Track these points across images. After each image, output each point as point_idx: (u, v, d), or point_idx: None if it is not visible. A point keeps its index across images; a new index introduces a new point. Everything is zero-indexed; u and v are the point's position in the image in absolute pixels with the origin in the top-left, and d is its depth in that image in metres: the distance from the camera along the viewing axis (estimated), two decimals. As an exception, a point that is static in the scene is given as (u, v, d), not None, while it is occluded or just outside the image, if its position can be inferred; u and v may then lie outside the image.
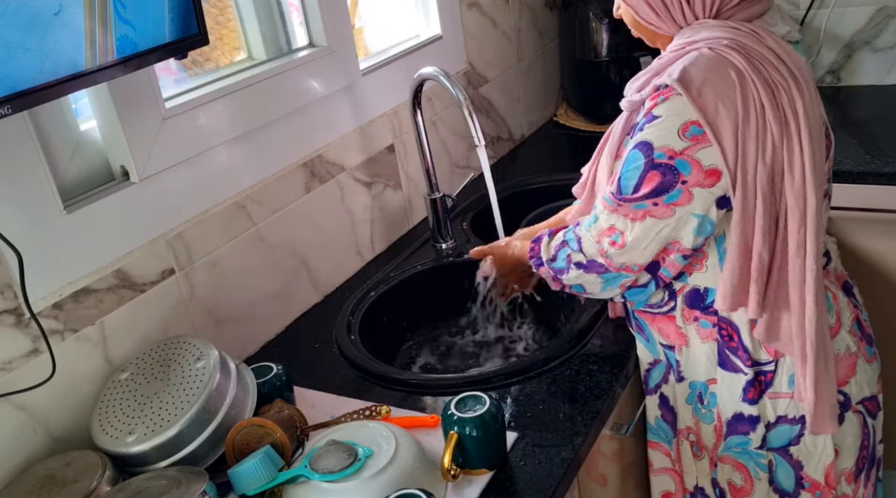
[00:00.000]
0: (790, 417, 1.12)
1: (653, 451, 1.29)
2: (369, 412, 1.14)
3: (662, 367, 1.21)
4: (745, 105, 0.96)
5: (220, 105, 1.29)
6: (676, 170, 0.99)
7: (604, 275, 1.09)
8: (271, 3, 1.47)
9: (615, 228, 1.05)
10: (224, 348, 1.13)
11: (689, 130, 0.97)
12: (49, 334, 1.04)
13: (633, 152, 1.02)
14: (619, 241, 1.05)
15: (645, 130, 1.01)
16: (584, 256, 1.09)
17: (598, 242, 1.07)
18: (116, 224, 1.15)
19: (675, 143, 0.98)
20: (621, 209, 1.04)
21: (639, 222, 1.03)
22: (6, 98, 0.85)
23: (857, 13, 2.02)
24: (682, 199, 1.00)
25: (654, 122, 1.00)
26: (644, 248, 1.04)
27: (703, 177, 0.99)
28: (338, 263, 1.56)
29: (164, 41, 0.99)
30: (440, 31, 1.82)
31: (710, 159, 0.98)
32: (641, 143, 1.01)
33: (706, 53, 0.99)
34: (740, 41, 0.99)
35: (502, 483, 1.00)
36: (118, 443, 1.02)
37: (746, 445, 1.14)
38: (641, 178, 1.01)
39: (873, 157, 1.66)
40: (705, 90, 0.97)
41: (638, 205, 1.02)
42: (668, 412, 1.24)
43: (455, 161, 1.89)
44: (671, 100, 0.99)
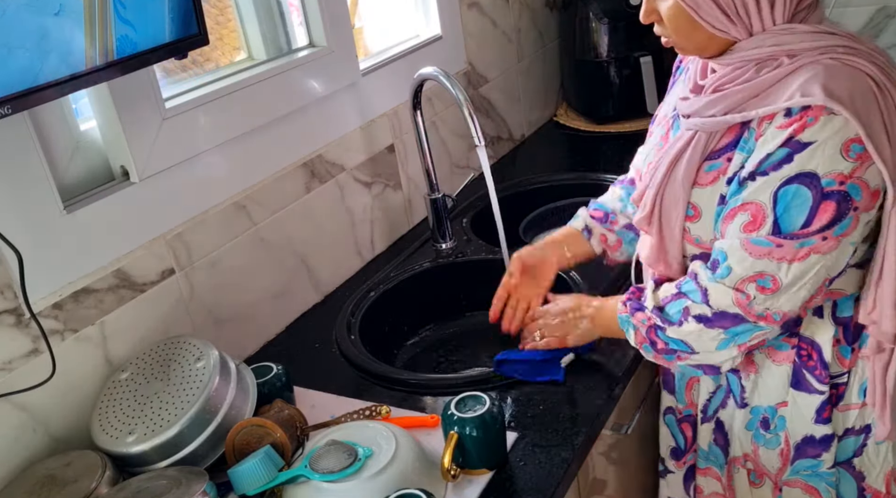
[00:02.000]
0: (856, 428, 1.09)
1: (704, 477, 1.24)
2: (369, 412, 1.14)
3: (722, 392, 1.16)
4: (889, 113, 0.90)
5: (221, 105, 1.29)
6: (849, 196, 0.90)
7: (732, 328, 0.98)
8: (271, 3, 1.47)
9: (764, 273, 0.94)
10: (224, 348, 1.13)
11: (852, 149, 0.89)
12: (49, 334, 1.04)
13: (790, 188, 0.91)
14: (769, 286, 0.94)
15: (797, 161, 0.90)
16: (709, 309, 0.98)
17: (738, 291, 0.96)
18: (116, 224, 1.15)
19: (843, 165, 0.89)
20: (778, 252, 0.93)
21: (798, 262, 0.93)
22: (6, 98, 0.85)
23: (857, 13, 2.02)
24: (850, 227, 0.92)
25: (809, 148, 0.89)
26: (798, 288, 0.94)
27: (870, 200, 0.92)
28: (338, 263, 1.56)
29: (164, 41, 0.99)
30: (440, 31, 1.82)
31: (875, 180, 0.91)
32: (799, 175, 0.90)
33: (832, 65, 0.90)
34: (853, 46, 0.92)
35: (502, 483, 1.00)
36: (118, 443, 1.02)
37: (818, 467, 1.10)
38: (813, 210, 0.90)
39: (873, 157, 1.66)
40: (857, 103, 0.88)
41: (803, 242, 0.92)
42: (721, 437, 1.19)
43: (455, 161, 1.89)
44: (822, 121, 0.89)
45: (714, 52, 0.99)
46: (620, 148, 1.91)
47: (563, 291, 1.39)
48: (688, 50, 1.02)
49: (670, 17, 0.97)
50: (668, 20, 0.98)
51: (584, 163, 2.00)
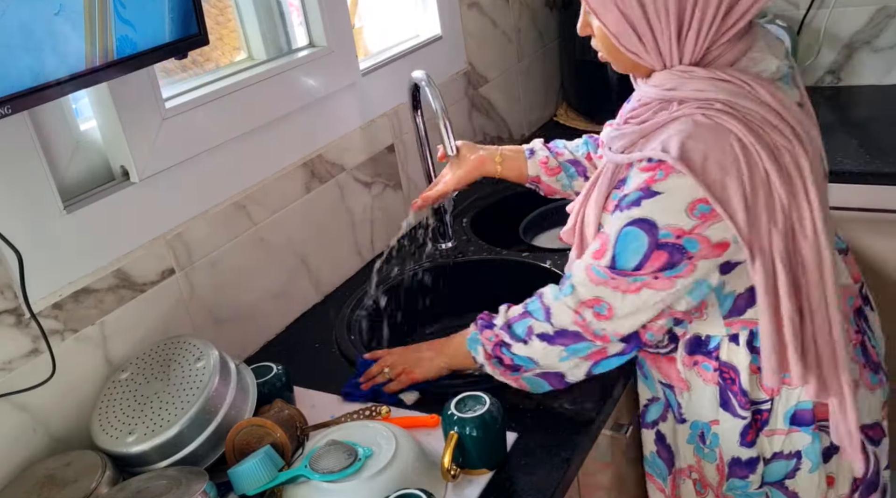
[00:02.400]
0: (785, 453, 1.11)
1: (649, 482, 1.29)
2: (369, 412, 1.14)
3: (661, 405, 1.20)
4: (752, 176, 0.91)
5: (220, 105, 1.29)
6: (684, 249, 0.93)
7: (572, 346, 1.03)
8: (271, 3, 1.47)
9: (601, 300, 0.99)
10: (224, 348, 1.13)
11: (698, 209, 0.91)
12: (49, 334, 1.04)
13: (631, 230, 0.94)
14: (604, 313, 0.99)
15: (644, 206, 0.93)
16: (551, 327, 1.03)
17: (576, 313, 1.01)
18: (116, 224, 1.15)
19: (683, 222, 0.92)
20: (613, 282, 0.97)
21: (632, 294, 0.97)
22: (6, 98, 0.85)
23: (857, 13, 2.02)
24: (685, 271, 0.95)
25: (656, 198, 0.93)
26: (633, 317, 0.99)
27: (711, 250, 0.94)
28: (338, 262, 1.56)
29: (164, 41, 0.99)
30: (440, 31, 1.82)
31: (719, 234, 0.93)
32: (641, 220, 0.94)
33: (701, 122, 0.92)
34: (735, 103, 0.92)
35: (502, 483, 1.00)
36: (118, 443, 1.02)
37: (746, 488, 1.13)
38: (646, 256, 0.94)
39: (873, 157, 1.66)
40: (709, 166, 0.90)
41: (635, 279, 0.96)
42: (664, 449, 1.23)
43: (455, 161, 1.88)
44: (672, 177, 0.91)
45: (643, 73, 1.02)
46: (620, 148, 1.91)
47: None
48: (618, 68, 1.04)
49: (598, 38, 1.02)
50: (597, 39, 1.03)
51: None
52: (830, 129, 1.84)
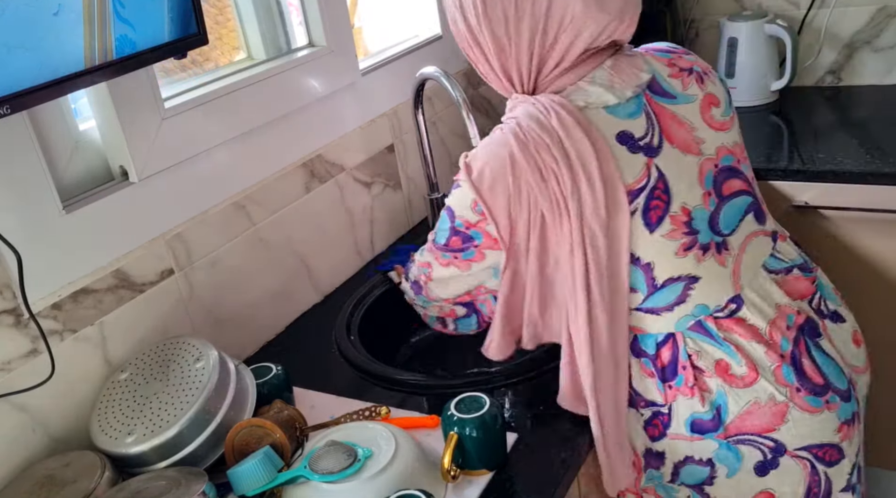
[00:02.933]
0: (697, 459, 1.10)
1: None
2: (369, 413, 1.14)
3: None
4: (517, 186, 1.03)
5: (220, 105, 1.29)
6: (471, 237, 1.10)
7: (419, 296, 1.25)
8: (271, 2, 1.47)
9: (428, 264, 1.19)
10: (224, 348, 1.13)
11: (478, 207, 1.07)
12: (48, 335, 1.04)
13: (444, 213, 1.13)
14: (427, 275, 1.20)
15: (452, 195, 1.10)
16: (412, 276, 1.26)
17: (419, 268, 1.22)
18: (116, 224, 1.15)
19: (469, 215, 1.08)
20: (433, 253, 1.17)
21: (444, 267, 1.16)
22: (5, 98, 0.84)
23: (857, 13, 2.02)
24: (475, 257, 1.12)
25: (457, 191, 1.09)
26: (446, 286, 1.19)
27: (493, 243, 1.09)
28: (338, 262, 1.56)
29: (163, 41, 0.99)
30: (440, 31, 1.82)
31: (495, 232, 1.08)
32: (448, 208, 1.11)
33: (496, 135, 1.07)
34: (523, 123, 1.05)
35: (502, 484, 1.00)
36: (117, 443, 1.02)
37: (660, 479, 1.14)
38: (448, 238, 1.12)
39: (873, 157, 1.66)
40: (486, 171, 1.05)
41: (444, 255, 1.15)
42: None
43: (455, 161, 1.88)
44: (461, 178, 1.08)
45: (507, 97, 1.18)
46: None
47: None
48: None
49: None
50: None
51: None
52: (830, 129, 1.84)
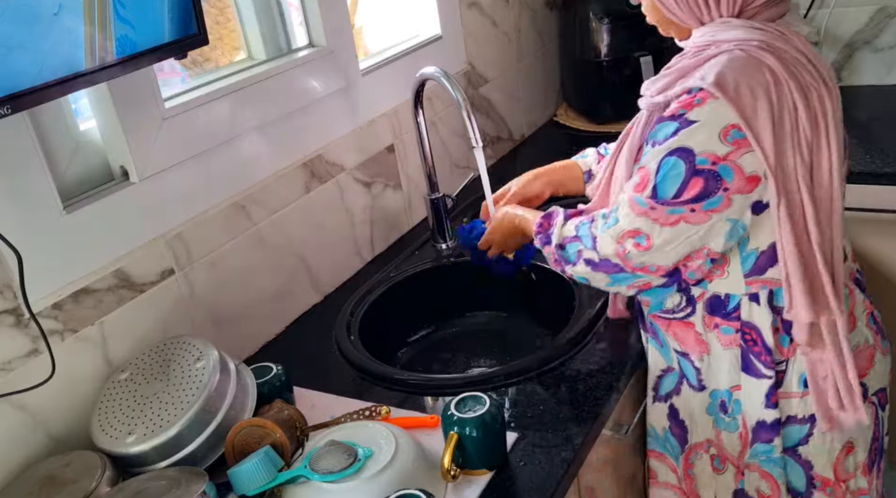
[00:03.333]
0: (799, 417, 1.12)
1: (657, 462, 1.27)
2: (369, 413, 1.14)
3: (675, 376, 1.20)
4: (780, 106, 0.97)
5: (220, 105, 1.29)
6: (719, 176, 0.98)
7: (614, 275, 1.08)
8: (271, 2, 1.47)
9: (640, 231, 1.03)
10: (224, 348, 1.13)
11: (730, 134, 0.97)
12: (49, 334, 1.04)
13: (670, 159, 1.00)
14: (643, 244, 1.04)
15: (680, 135, 0.99)
16: (597, 255, 1.08)
17: (618, 244, 1.06)
18: (116, 224, 1.15)
19: (718, 148, 0.98)
20: (653, 213, 1.02)
21: (669, 227, 1.02)
22: (6, 98, 0.84)
23: (857, 13, 2.02)
24: (721, 205, 1.00)
25: (692, 127, 0.99)
26: (670, 250, 1.03)
27: (745, 183, 0.99)
28: (338, 262, 1.56)
29: (163, 41, 0.99)
30: (440, 31, 1.82)
31: (751, 166, 0.98)
32: (680, 149, 0.99)
33: (738, 55, 0.99)
34: (770, 43, 1.00)
35: (502, 484, 1.00)
36: (118, 443, 1.02)
37: (771, 453, 1.13)
38: (684, 184, 0.99)
39: (873, 157, 1.66)
40: (742, 92, 0.96)
41: (673, 210, 1.01)
42: (676, 426, 1.22)
43: (455, 161, 1.89)
44: (708, 104, 0.98)
45: (684, 35, 1.11)
46: (620, 148, 1.91)
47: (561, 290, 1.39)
48: (662, 31, 1.14)
49: (646, 9, 1.12)
50: (645, 10, 1.13)
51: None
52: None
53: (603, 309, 1.32)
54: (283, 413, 1.08)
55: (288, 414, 1.08)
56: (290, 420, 1.07)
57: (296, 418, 1.08)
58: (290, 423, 1.07)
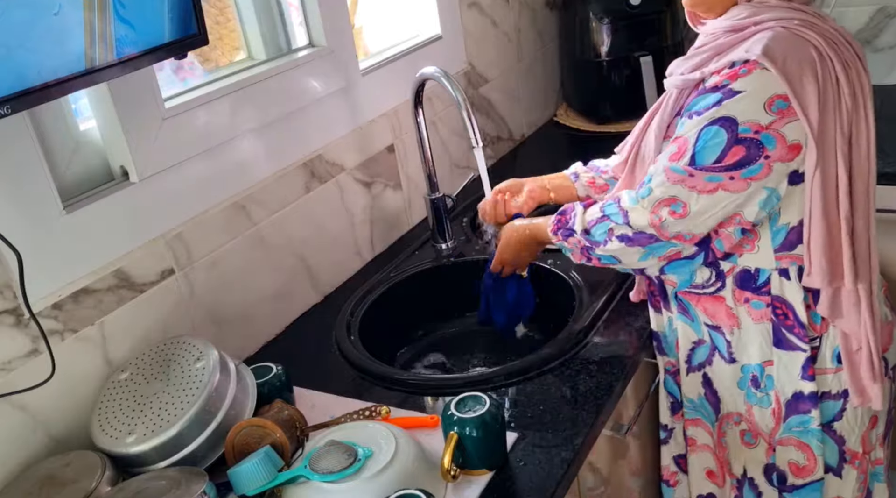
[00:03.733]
0: (833, 393, 1.14)
1: (694, 428, 1.28)
2: (369, 413, 1.14)
3: (707, 347, 1.21)
4: (824, 80, 0.99)
5: (220, 105, 1.29)
6: (762, 144, 1.00)
7: (649, 245, 1.09)
8: (271, 3, 1.47)
9: (677, 199, 1.04)
10: (224, 348, 1.13)
11: (776, 104, 0.99)
12: (49, 334, 1.04)
13: (711, 128, 1.01)
14: (679, 211, 1.04)
15: (724, 106, 1.00)
16: (630, 229, 1.09)
17: (653, 213, 1.06)
18: (116, 224, 1.15)
19: (762, 117, 0.99)
20: (690, 180, 1.03)
21: (706, 195, 1.03)
22: (6, 98, 0.84)
23: (857, 13, 2.02)
24: (761, 173, 1.01)
25: (737, 97, 1.00)
26: (706, 218, 1.05)
27: (786, 152, 1.01)
28: (338, 262, 1.56)
29: (163, 41, 0.99)
30: (440, 31, 1.82)
31: (794, 134, 1.00)
32: (722, 118, 1.00)
33: (781, 32, 1.01)
34: (811, 21, 1.02)
35: (502, 483, 1.00)
36: (118, 443, 1.02)
37: (808, 424, 1.15)
38: (725, 151, 1.01)
39: (873, 157, 1.66)
40: (789, 64, 0.98)
41: (712, 177, 1.02)
42: (711, 393, 1.23)
43: (455, 161, 1.89)
44: (754, 74, 0.99)
45: (721, 10, 1.09)
46: (620, 148, 1.91)
47: (561, 290, 1.39)
48: (698, 7, 1.12)
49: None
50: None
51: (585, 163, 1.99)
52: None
53: (602, 309, 1.32)
54: (283, 413, 1.08)
55: (288, 414, 1.08)
56: (290, 420, 1.07)
57: (296, 418, 1.08)
58: (290, 423, 1.07)
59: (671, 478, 1.35)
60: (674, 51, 2.12)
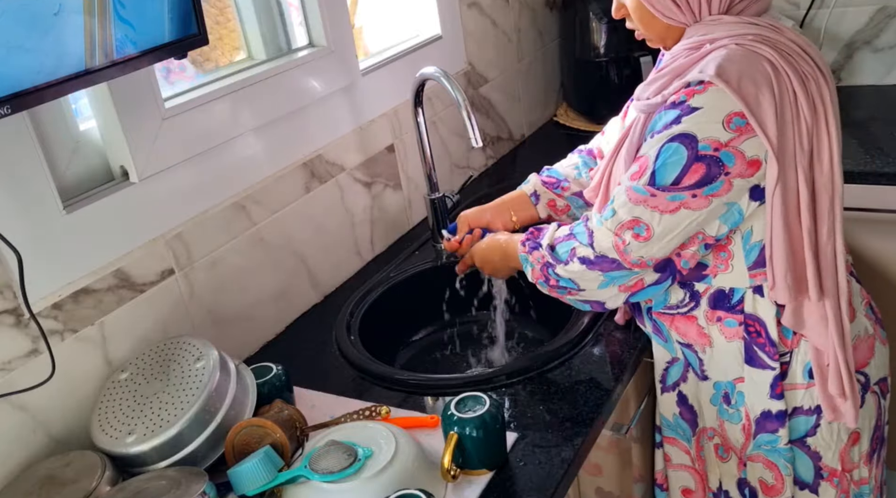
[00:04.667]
0: (805, 408, 1.13)
1: (670, 446, 1.29)
2: (369, 413, 1.14)
3: (681, 365, 1.21)
4: (781, 96, 0.99)
5: (220, 105, 1.29)
6: (721, 162, 0.99)
7: (609, 273, 1.07)
8: (271, 2, 1.47)
9: (640, 221, 1.03)
10: (224, 348, 1.13)
11: (733, 122, 0.98)
12: (49, 334, 1.04)
13: (671, 145, 1.00)
14: (643, 234, 1.03)
15: (683, 123, 1.00)
16: (592, 252, 1.07)
17: (616, 236, 1.05)
18: (116, 224, 1.15)
19: (720, 134, 0.98)
20: (652, 201, 1.02)
21: (669, 214, 1.02)
22: (6, 98, 0.84)
23: (857, 13, 2.02)
24: (722, 189, 1.01)
25: (695, 114, 0.99)
26: (669, 240, 1.04)
27: (745, 167, 1.00)
28: (338, 262, 1.56)
29: (163, 41, 0.99)
30: (440, 31, 1.82)
31: (753, 150, 1.00)
32: (682, 135, 1.00)
33: (735, 49, 1.00)
34: (765, 35, 1.01)
35: (502, 484, 1.00)
36: (118, 443, 1.02)
37: (776, 443, 1.15)
38: (685, 169, 1.00)
39: (873, 157, 1.66)
40: (744, 82, 0.98)
41: (674, 196, 1.01)
42: (686, 411, 1.23)
43: (455, 161, 1.89)
44: (710, 91, 0.99)
45: (673, 41, 1.10)
46: (620, 148, 1.92)
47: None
48: (653, 41, 1.13)
49: (633, 10, 1.11)
50: (632, 12, 1.11)
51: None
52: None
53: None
54: (283, 413, 1.08)
55: (288, 414, 1.08)
56: (290, 420, 1.07)
57: (296, 418, 1.08)
58: (290, 423, 1.07)
59: (664, 482, 1.34)
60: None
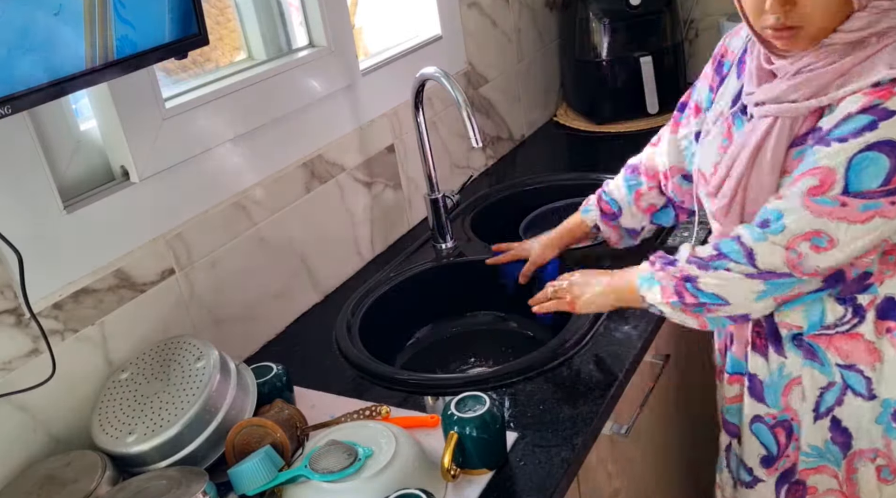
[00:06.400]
0: None
1: (817, 476, 1.18)
2: (369, 412, 1.14)
3: (837, 388, 1.11)
4: None
5: (220, 105, 1.29)
6: None
7: (772, 281, 1.00)
8: (271, 3, 1.47)
9: (821, 232, 0.96)
10: (224, 348, 1.13)
11: None
12: (49, 334, 1.04)
13: (868, 155, 0.92)
14: (824, 245, 0.96)
15: (881, 128, 0.92)
16: (754, 270, 1.00)
17: (789, 249, 0.98)
18: (116, 224, 1.15)
19: None
20: (840, 211, 0.95)
21: (859, 224, 0.95)
22: (6, 98, 0.85)
23: (857, 13, 2.02)
24: None
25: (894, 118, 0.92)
26: (854, 249, 0.96)
27: None
28: (338, 263, 1.56)
29: (163, 41, 0.99)
30: (440, 31, 1.82)
31: None
32: (881, 143, 0.92)
33: None
34: None
35: (502, 483, 1.00)
36: (118, 443, 1.02)
37: None
38: (889, 177, 0.92)
39: (873, 157, 1.66)
40: None
41: (868, 205, 0.94)
42: (839, 435, 1.14)
43: (455, 161, 1.89)
44: None
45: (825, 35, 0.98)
46: (620, 148, 1.91)
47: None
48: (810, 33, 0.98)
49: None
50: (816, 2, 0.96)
51: (584, 163, 2.00)
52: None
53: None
54: (283, 413, 1.08)
55: (288, 414, 1.08)
56: (291, 420, 1.07)
57: (296, 418, 1.09)
58: (291, 422, 1.07)
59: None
60: (673, 51, 2.12)
